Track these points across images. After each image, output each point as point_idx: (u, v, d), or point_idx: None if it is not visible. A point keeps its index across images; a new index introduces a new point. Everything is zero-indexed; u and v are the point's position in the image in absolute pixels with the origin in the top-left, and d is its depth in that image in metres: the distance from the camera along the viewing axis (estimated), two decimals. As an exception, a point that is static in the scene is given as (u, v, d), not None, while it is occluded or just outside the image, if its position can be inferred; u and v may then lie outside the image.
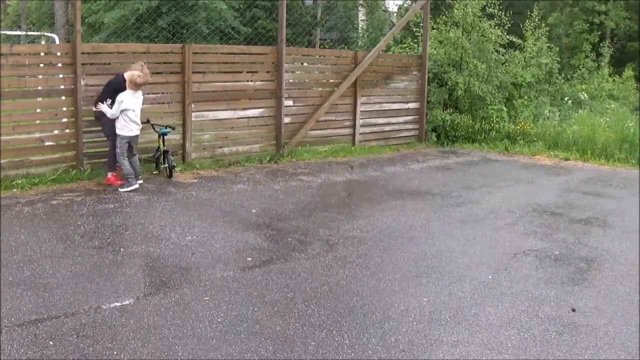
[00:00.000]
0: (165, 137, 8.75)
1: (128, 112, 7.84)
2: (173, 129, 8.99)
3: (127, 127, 7.89)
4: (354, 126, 12.03)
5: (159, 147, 8.83)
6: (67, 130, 8.64)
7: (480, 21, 13.80)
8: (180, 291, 4.74)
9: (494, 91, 13.69)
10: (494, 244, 6.23)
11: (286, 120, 10.84)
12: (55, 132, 8.68)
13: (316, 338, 4.04)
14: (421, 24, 13.42)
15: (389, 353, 3.89)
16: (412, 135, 13.12)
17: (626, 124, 12.80)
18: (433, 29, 14.03)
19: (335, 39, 23.11)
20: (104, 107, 7.92)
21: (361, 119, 12.12)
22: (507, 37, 14.03)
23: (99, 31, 19.77)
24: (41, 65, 8.51)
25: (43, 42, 12.93)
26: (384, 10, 25.20)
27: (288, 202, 7.73)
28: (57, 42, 13.49)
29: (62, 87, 8.67)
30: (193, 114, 9.63)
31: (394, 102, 12.75)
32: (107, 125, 8.09)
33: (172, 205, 7.33)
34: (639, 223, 7.12)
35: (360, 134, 12.16)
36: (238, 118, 10.36)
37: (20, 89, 8.37)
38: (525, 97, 14.77)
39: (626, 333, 4.28)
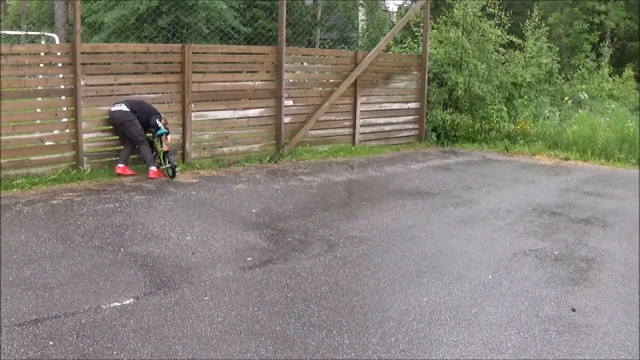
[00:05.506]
0: (162, 137, 8.77)
1: None
2: (168, 132, 8.97)
3: None
4: (354, 126, 12.03)
5: (155, 148, 8.83)
6: (67, 130, 8.64)
7: (480, 21, 13.79)
8: (180, 291, 4.74)
9: (494, 91, 13.68)
10: (494, 244, 6.23)
11: (286, 120, 10.84)
12: (55, 132, 8.69)
13: (316, 338, 4.04)
14: (421, 24, 13.41)
15: (389, 353, 3.89)
16: (412, 135, 13.11)
17: (626, 124, 12.80)
18: (433, 28, 14.02)
19: (335, 38, 23.13)
20: None
21: (361, 118, 12.11)
22: (507, 37, 14.01)
23: (98, 31, 19.77)
24: (41, 65, 8.52)
25: (43, 42, 12.89)
26: (384, 10, 25.23)
27: (288, 202, 7.73)
28: (57, 42, 13.47)
29: (61, 87, 8.67)
30: (193, 113, 9.63)
31: (394, 102, 12.75)
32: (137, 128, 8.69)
33: (172, 205, 7.33)
34: (639, 223, 7.12)
35: (360, 133, 12.15)
36: (238, 118, 10.37)
37: (20, 89, 8.37)
38: (525, 97, 14.76)
39: (626, 333, 4.28)
